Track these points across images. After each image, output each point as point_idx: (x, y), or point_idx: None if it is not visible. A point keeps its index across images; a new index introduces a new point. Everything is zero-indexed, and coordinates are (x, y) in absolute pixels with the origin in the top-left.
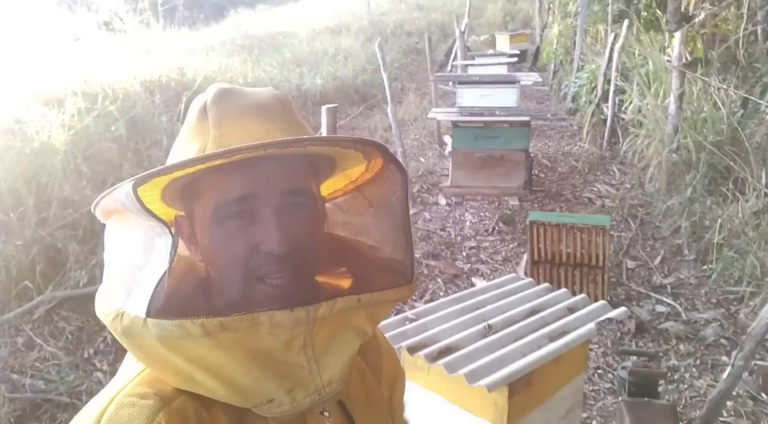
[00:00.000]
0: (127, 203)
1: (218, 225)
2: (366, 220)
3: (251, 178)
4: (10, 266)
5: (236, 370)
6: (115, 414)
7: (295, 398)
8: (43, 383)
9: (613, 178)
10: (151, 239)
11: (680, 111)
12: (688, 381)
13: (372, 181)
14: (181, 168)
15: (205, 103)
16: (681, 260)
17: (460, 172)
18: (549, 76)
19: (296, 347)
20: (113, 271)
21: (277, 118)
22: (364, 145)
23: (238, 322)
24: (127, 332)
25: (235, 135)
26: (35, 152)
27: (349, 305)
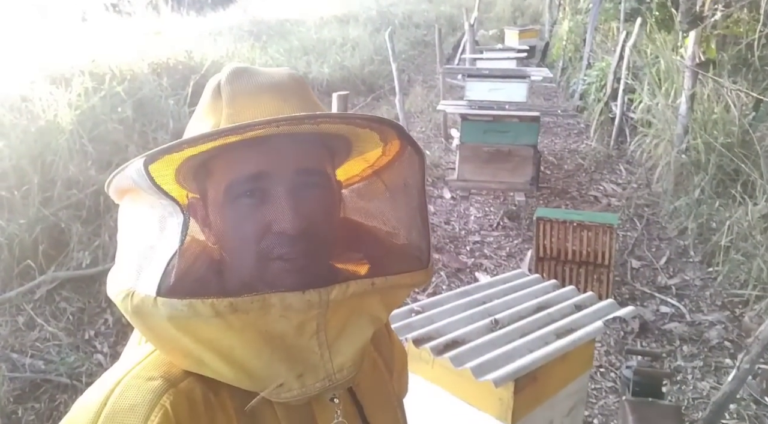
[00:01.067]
0: (138, 181)
1: (230, 204)
2: (383, 205)
3: (263, 155)
4: (12, 245)
5: (246, 353)
6: (121, 396)
7: (304, 383)
8: (43, 363)
9: (619, 178)
10: (163, 219)
11: (691, 111)
12: (691, 383)
13: (389, 164)
14: (192, 144)
15: (219, 82)
16: (686, 262)
17: (467, 166)
18: (557, 73)
19: (309, 332)
20: (125, 251)
21: (292, 98)
22: (380, 124)
23: (248, 303)
24: (137, 311)
25: (248, 113)
26: (41, 131)
27: (363, 288)
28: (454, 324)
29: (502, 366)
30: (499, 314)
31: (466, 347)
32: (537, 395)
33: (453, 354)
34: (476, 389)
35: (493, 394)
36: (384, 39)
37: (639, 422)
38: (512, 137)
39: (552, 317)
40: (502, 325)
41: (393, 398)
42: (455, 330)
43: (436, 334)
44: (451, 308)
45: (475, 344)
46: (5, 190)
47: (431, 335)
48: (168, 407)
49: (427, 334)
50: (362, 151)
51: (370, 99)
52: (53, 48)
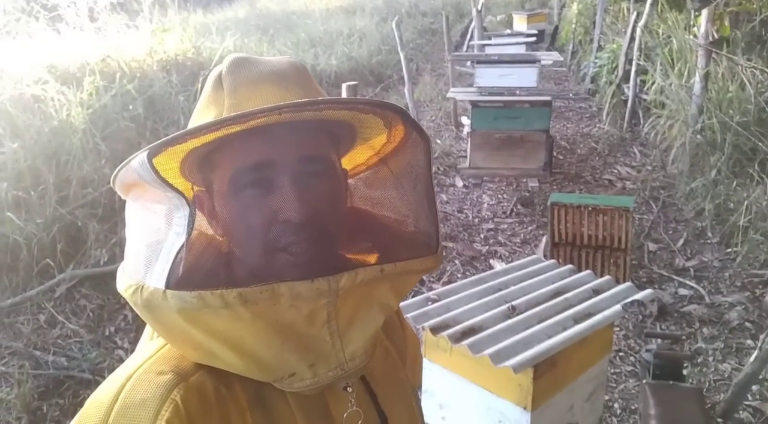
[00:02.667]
0: (143, 174)
1: (235, 195)
2: (389, 192)
3: (266, 144)
4: (31, 244)
5: (256, 343)
6: (132, 390)
7: (317, 372)
8: (65, 359)
9: (634, 160)
10: (170, 212)
11: (705, 91)
12: (712, 365)
13: (394, 151)
14: (195, 135)
15: (220, 73)
16: (704, 243)
17: (479, 154)
18: (567, 57)
19: (320, 322)
20: (133, 245)
21: (294, 86)
22: (383, 108)
23: (257, 293)
24: (147, 305)
25: (250, 103)
26: (54, 131)
27: (372, 275)
28: (470, 311)
29: (520, 352)
30: (515, 300)
31: (483, 334)
32: (557, 381)
33: (471, 341)
34: (495, 376)
35: (513, 380)
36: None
37: (660, 406)
38: (524, 123)
39: (569, 302)
40: (520, 311)
41: (407, 386)
42: (472, 317)
43: (453, 322)
44: (468, 295)
45: (493, 331)
46: (22, 190)
47: (448, 323)
48: (178, 401)
49: (443, 322)
50: (367, 138)
51: (379, 89)
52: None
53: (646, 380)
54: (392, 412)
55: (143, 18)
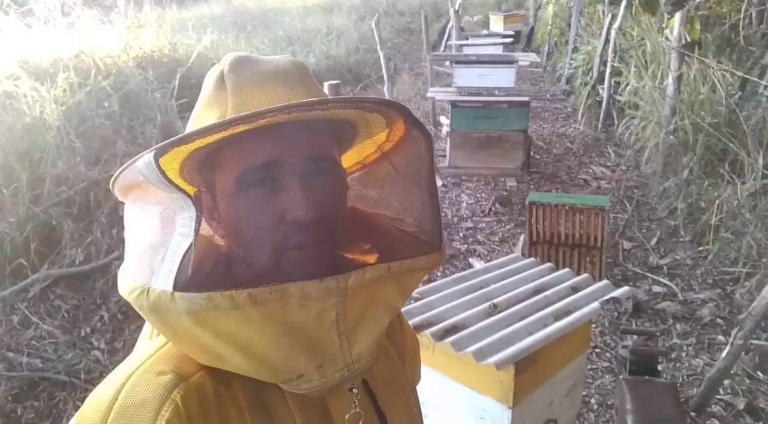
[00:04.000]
0: (148, 175)
1: (242, 195)
2: (390, 191)
3: (274, 144)
4: (4, 244)
5: (266, 345)
6: (132, 390)
7: (324, 373)
8: (40, 361)
9: (608, 160)
10: (173, 214)
11: (678, 93)
12: (685, 360)
13: (396, 149)
14: (203, 135)
15: (222, 72)
16: (677, 241)
17: (458, 153)
18: (543, 58)
19: (329, 322)
20: (135, 248)
21: (298, 85)
22: (388, 107)
23: (267, 294)
24: (154, 307)
25: (255, 102)
26: (27, 128)
27: (380, 273)
28: (453, 310)
29: (502, 349)
30: (497, 298)
31: (466, 331)
32: (537, 377)
33: (453, 339)
34: (477, 373)
35: (494, 377)
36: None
37: (637, 400)
38: (502, 123)
39: (549, 300)
40: (501, 309)
41: (406, 386)
42: (454, 315)
43: (436, 320)
44: (450, 293)
45: (475, 329)
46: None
47: (431, 320)
48: (178, 402)
49: (426, 320)
50: (366, 137)
51: (359, 88)
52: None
53: (623, 375)
54: (391, 413)
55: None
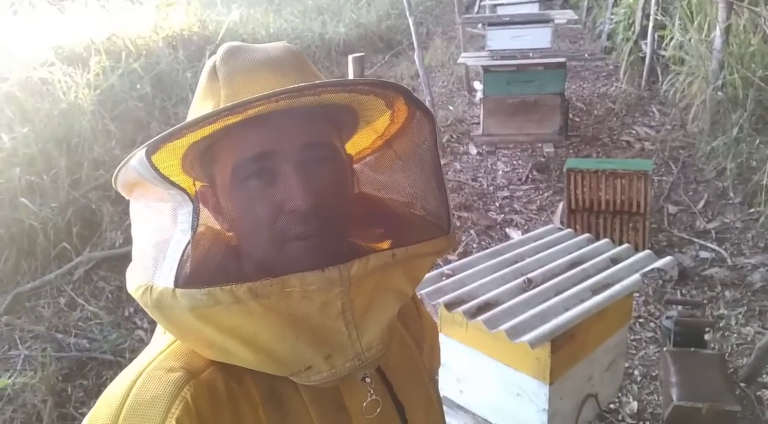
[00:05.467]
0: (143, 172)
1: (238, 188)
2: (396, 175)
3: (266, 133)
4: (47, 228)
5: (270, 338)
6: (143, 388)
7: (333, 364)
8: (87, 341)
9: (652, 120)
10: (174, 210)
11: (726, 45)
12: (734, 329)
13: (399, 132)
14: (192, 129)
15: (214, 63)
16: (726, 204)
17: (492, 120)
18: (582, 14)
19: (334, 313)
20: (140, 246)
21: (291, 72)
22: (384, 88)
23: (268, 287)
24: (157, 304)
25: (246, 92)
26: (63, 113)
27: (384, 261)
28: (485, 286)
29: (537, 327)
30: (531, 272)
31: (499, 308)
32: (575, 353)
33: (486, 317)
34: (512, 350)
35: (530, 354)
36: None
37: (681, 373)
38: (538, 86)
39: (587, 273)
40: (536, 284)
41: (423, 374)
42: (487, 292)
43: (468, 297)
44: (482, 269)
45: (509, 305)
46: (34, 175)
47: (463, 298)
48: (189, 399)
49: (458, 297)
50: (369, 121)
51: (389, 56)
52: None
53: (667, 347)
54: (409, 401)
55: None
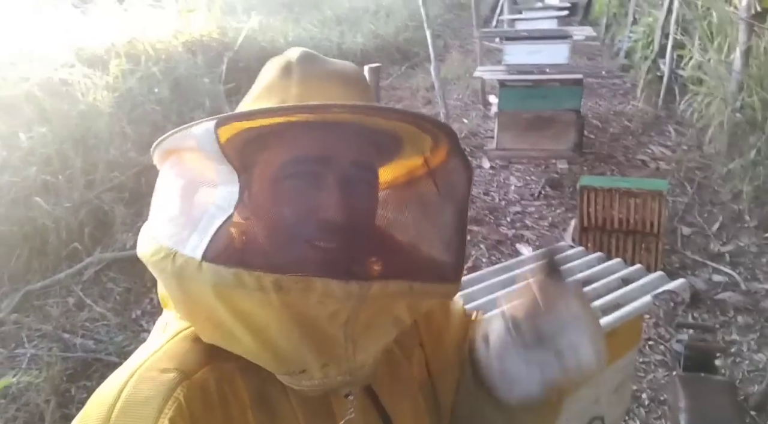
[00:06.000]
0: (203, 143)
1: (281, 182)
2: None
3: (326, 140)
4: (59, 228)
5: (278, 332)
6: (135, 389)
7: (327, 374)
8: (93, 342)
9: (669, 140)
10: (214, 186)
11: (746, 67)
12: (746, 355)
13: (431, 174)
14: (266, 115)
15: (289, 62)
16: (741, 227)
17: (506, 134)
18: (601, 31)
19: (339, 322)
20: (165, 211)
21: (358, 90)
22: (440, 129)
23: (293, 282)
24: (178, 273)
25: (318, 97)
26: (81, 114)
27: (401, 289)
28: (494, 302)
29: None
30: None
31: None
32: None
33: None
34: None
35: None
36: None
37: (690, 398)
38: (553, 102)
39: (597, 292)
40: None
41: (412, 384)
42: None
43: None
44: (491, 284)
45: None
46: (50, 174)
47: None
48: (182, 400)
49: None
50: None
51: (406, 67)
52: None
53: (677, 371)
54: (396, 413)
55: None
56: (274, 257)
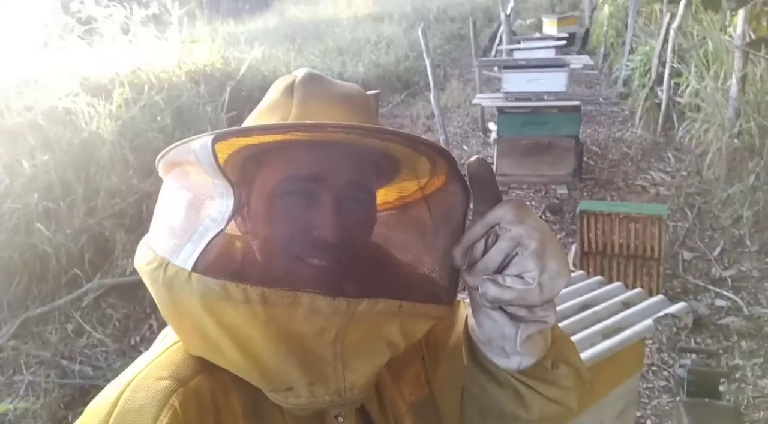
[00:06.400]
0: (201, 157)
1: (277, 199)
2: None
3: (322, 159)
4: (60, 254)
5: (264, 347)
6: (131, 396)
7: (314, 392)
8: (91, 369)
9: (668, 165)
10: (210, 199)
11: (742, 93)
12: (750, 380)
13: (429, 198)
14: (264, 132)
15: (292, 83)
16: (742, 252)
17: (506, 160)
18: (599, 60)
19: (327, 340)
20: (165, 223)
21: (361, 112)
22: (439, 155)
23: (279, 296)
24: (168, 283)
25: (318, 117)
26: (84, 142)
27: (390, 308)
28: None
29: None
30: None
31: None
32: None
33: None
34: None
35: None
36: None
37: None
38: (552, 129)
39: (598, 316)
40: None
41: (398, 405)
42: None
43: None
44: None
45: None
46: (52, 201)
47: None
48: (177, 407)
49: None
50: (404, 179)
51: (405, 95)
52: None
53: (680, 397)
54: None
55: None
56: (264, 272)
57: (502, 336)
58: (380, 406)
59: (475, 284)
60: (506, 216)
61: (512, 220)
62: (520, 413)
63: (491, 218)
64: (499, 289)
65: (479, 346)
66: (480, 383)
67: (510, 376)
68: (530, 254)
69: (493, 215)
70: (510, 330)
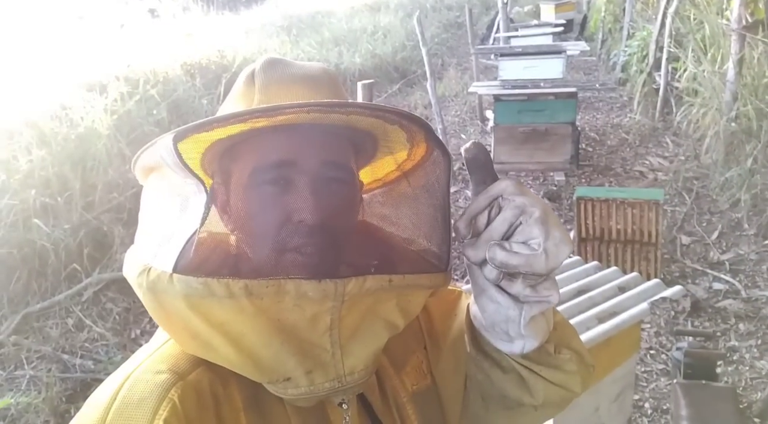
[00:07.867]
0: (166, 157)
1: (252, 190)
2: (403, 210)
3: (290, 143)
4: (59, 249)
5: (256, 340)
6: (130, 390)
7: (313, 381)
8: (92, 363)
9: (666, 151)
10: (186, 199)
11: (740, 77)
12: (748, 362)
13: (414, 168)
14: (221, 124)
15: (253, 70)
16: (740, 235)
17: (503, 148)
18: (597, 46)
19: (322, 327)
20: (146, 229)
21: (324, 90)
22: (410, 121)
23: (263, 287)
24: (152, 287)
25: (279, 101)
26: (80, 137)
27: (380, 284)
28: None
29: None
30: None
31: None
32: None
33: None
34: None
35: None
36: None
37: (692, 406)
38: (548, 116)
39: (594, 301)
40: None
41: (400, 394)
42: None
43: None
44: None
45: None
46: (49, 196)
47: None
48: (176, 401)
49: None
50: (387, 152)
51: (402, 84)
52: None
53: (677, 379)
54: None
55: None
56: (248, 265)
57: (506, 319)
58: (382, 396)
59: (478, 257)
60: (509, 188)
61: (515, 191)
62: (524, 398)
63: (494, 190)
64: (506, 253)
65: (482, 332)
66: (483, 369)
67: (513, 361)
68: (535, 221)
69: (496, 187)
70: (514, 312)
